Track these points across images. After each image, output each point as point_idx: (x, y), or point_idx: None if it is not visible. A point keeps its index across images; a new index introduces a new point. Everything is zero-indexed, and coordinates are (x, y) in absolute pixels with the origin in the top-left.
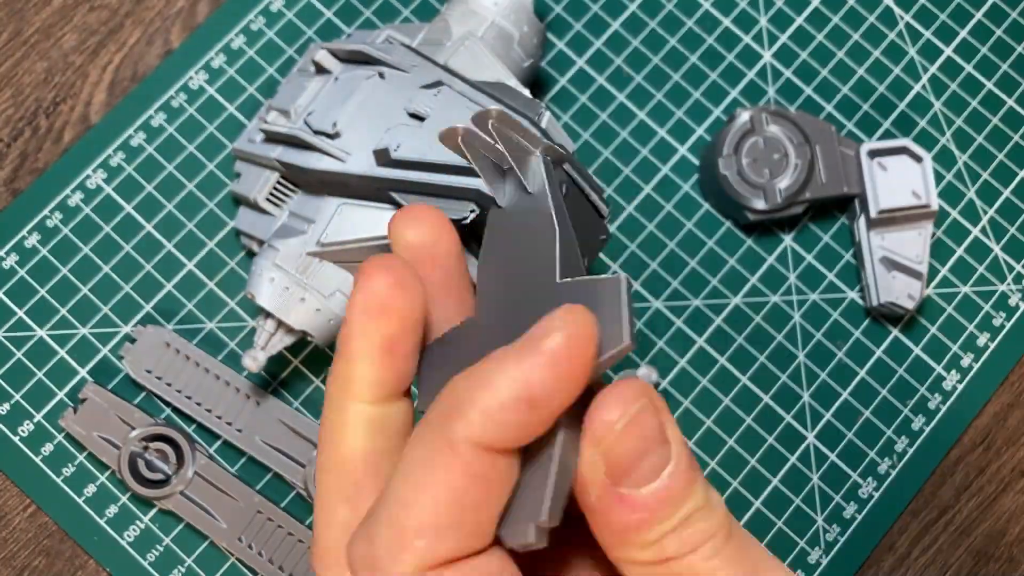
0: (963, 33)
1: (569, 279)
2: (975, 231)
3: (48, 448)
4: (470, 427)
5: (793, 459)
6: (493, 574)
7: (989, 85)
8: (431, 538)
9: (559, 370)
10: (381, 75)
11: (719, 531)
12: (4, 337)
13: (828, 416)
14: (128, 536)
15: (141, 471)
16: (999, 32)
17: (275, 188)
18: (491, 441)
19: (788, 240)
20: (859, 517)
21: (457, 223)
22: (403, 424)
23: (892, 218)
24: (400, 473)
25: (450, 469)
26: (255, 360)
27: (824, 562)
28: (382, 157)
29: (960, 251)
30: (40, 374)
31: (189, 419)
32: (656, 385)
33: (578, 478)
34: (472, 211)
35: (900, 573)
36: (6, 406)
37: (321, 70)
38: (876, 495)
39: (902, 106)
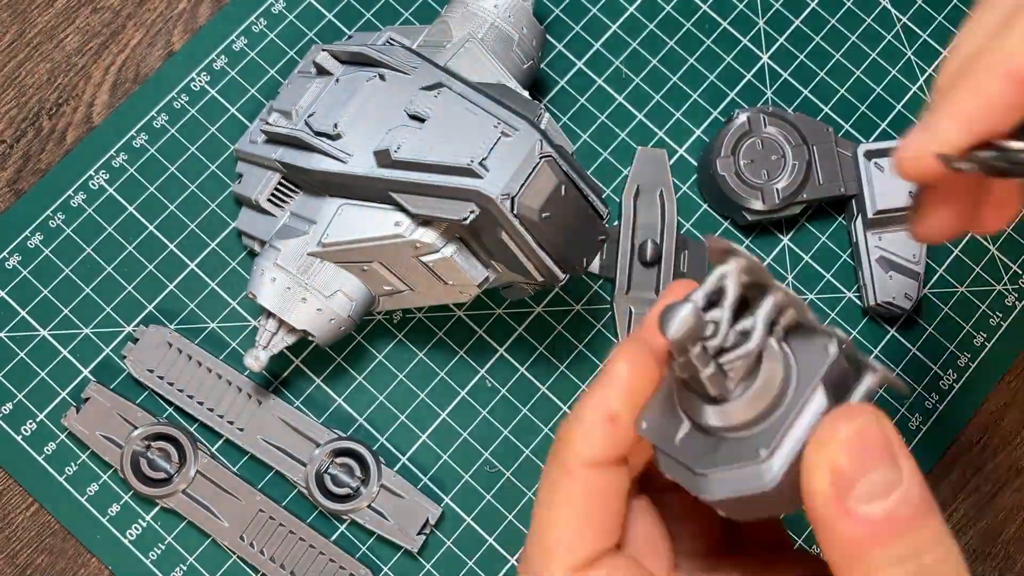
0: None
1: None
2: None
3: (51, 447)
4: (574, 449)
5: None
6: (623, 568)
7: None
8: (568, 546)
9: (627, 388)
10: (382, 77)
11: None
12: (7, 337)
13: None
14: (130, 534)
15: (143, 470)
16: None
17: (276, 189)
18: (593, 457)
19: (786, 240)
20: None
21: (457, 223)
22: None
23: (889, 218)
24: (538, 502)
25: (571, 489)
26: (257, 359)
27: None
28: (383, 158)
29: (957, 251)
30: (43, 374)
31: (191, 418)
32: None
33: (803, 486)
34: (472, 212)
35: None
36: (9, 405)
37: (322, 72)
38: None
39: (899, 107)
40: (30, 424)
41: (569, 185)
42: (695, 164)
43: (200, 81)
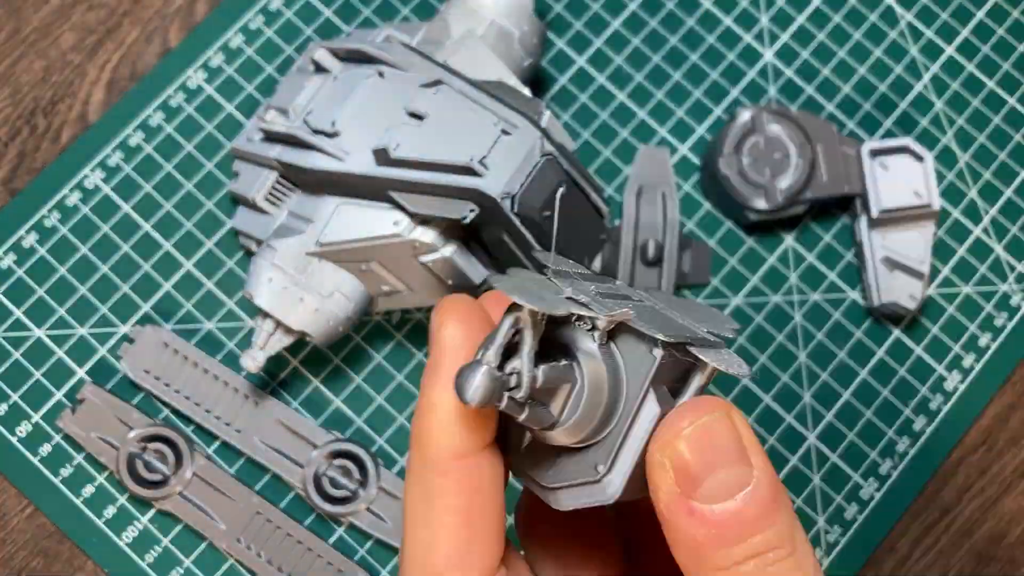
0: (964, 32)
1: None
2: (977, 231)
3: (46, 449)
4: (436, 445)
5: (794, 460)
6: None
7: (991, 84)
8: (460, 567)
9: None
10: (380, 74)
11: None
12: (2, 337)
13: (829, 417)
14: (126, 537)
15: (139, 472)
16: (1000, 31)
17: (274, 188)
18: (462, 447)
19: (789, 240)
20: (860, 518)
21: (457, 222)
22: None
23: (893, 218)
24: (409, 518)
25: (447, 492)
26: (254, 360)
27: (825, 563)
28: (381, 156)
29: (961, 251)
30: (38, 374)
31: (188, 420)
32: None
33: (649, 484)
34: (472, 210)
35: (901, 574)
36: (4, 406)
37: (320, 69)
38: (877, 496)
39: (903, 105)
40: (25, 425)
41: (570, 184)
42: (698, 163)
43: (197, 79)
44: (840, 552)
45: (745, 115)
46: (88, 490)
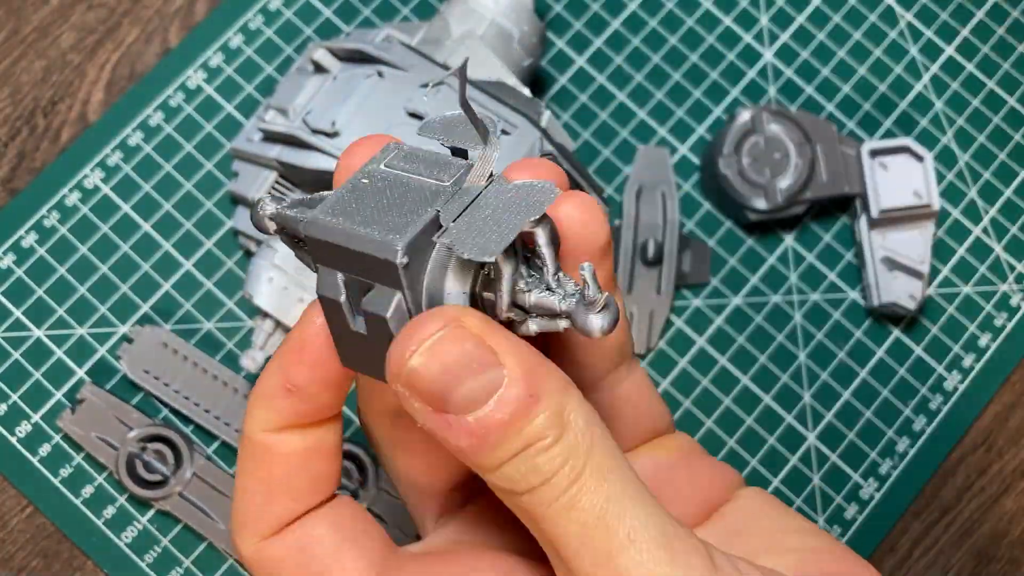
0: (964, 32)
1: None
2: (976, 231)
3: (46, 449)
4: (254, 419)
5: (794, 460)
6: (327, 522)
7: (991, 84)
8: (257, 514)
9: (308, 360)
10: (380, 74)
11: (568, 464)
12: (1, 337)
13: (829, 417)
14: (126, 537)
15: (139, 472)
16: (1000, 31)
17: (273, 187)
18: (277, 424)
19: (789, 240)
20: (860, 518)
21: None
22: None
23: (893, 218)
24: (238, 470)
25: (254, 457)
26: (253, 360)
27: None
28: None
29: (961, 251)
30: (38, 374)
31: (187, 420)
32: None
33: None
34: None
35: (901, 574)
36: (3, 407)
37: (320, 69)
38: (877, 496)
39: (903, 105)
40: (25, 425)
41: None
42: (697, 163)
43: (196, 79)
44: None
45: (745, 115)
46: (88, 490)
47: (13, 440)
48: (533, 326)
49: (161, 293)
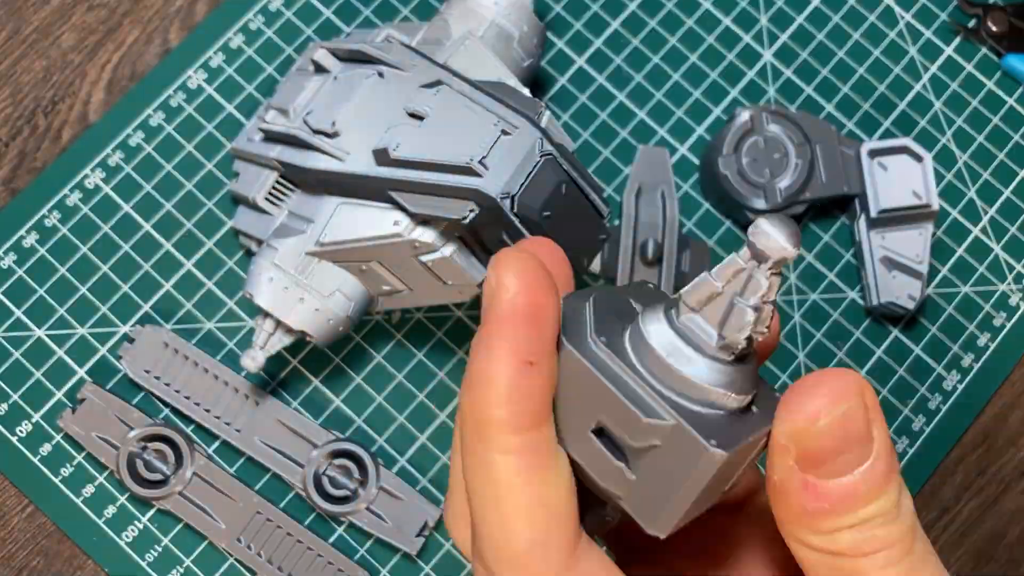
0: (964, 32)
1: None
2: (975, 231)
3: (46, 448)
4: (506, 427)
5: None
6: (597, 556)
7: (989, 85)
8: (542, 543)
9: (534, 313)
10: (380, 74)
11: (899, 543)
12: (2, 337)
13: None
14: (126, 536)
15: (139, 471)
16: None
17: (274, 187)
18: (528, 424)
19: None
20: None
21: (457, 222)
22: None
23: (892, 218)
24: (477, 505)
25: (511, 469)
26: (254, 360)
27: None
28: (381, 157)
29: (960, 251)
30: (38, 374)
31: (188, 419)
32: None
33: (767, 455)
34: (472, 210)
35: None
36: (4, 406)
37: (320, 69)
38: None
39: (902, 105)
40: (25, 425)
41: (570, 184)
42: (697, 163)
43: (197, 79)
44: None
45: (744, 115)
46: (88, 490)
47: (14, 439)
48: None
49: (162, 293)
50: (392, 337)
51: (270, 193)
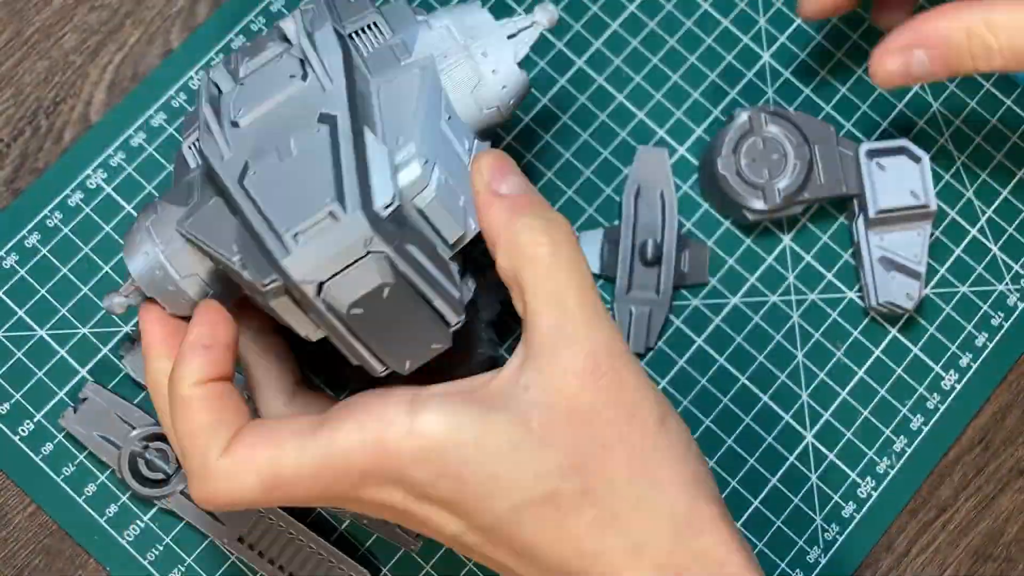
0: None
1: None
2: (973, 231)
3: (48, 447)
4: (183, 379)
5: (792, 458)
6: (254, 424)
7: (987, 85)
8: (210, 437)
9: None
10: (304, 76)
11: (546, 239)
12: (4, 337)
13: (827, 416)
14: (128, 535)
15: (141, 470)
16: None
17: (197, 139)
18: (202, 378)
19: (787, 240)
20: (857, 516)
21: (256, 285)
22: None
23: (891, 218)
24: (173, 429)
25: (193, 405)
26: (111, 302)
27: (823, 561)
28: (242, 174)
29: (958, 251)
30: (40, 374)
31: None
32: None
33: (473, 186)
34: (273, 280)
35: (898, 572)
36: (6, 406)
37: (284, 39)
38: (875, 494)
39: (900, 106)
40: (27, 424)
41: (402, 288)
42: (696, 163)
43: (198, 80)
44: (837, 550)
45: (743, 116)
46: (90, 489)
47: (16, 439)
48: None
49: None
50: None
51: (192, 144)
